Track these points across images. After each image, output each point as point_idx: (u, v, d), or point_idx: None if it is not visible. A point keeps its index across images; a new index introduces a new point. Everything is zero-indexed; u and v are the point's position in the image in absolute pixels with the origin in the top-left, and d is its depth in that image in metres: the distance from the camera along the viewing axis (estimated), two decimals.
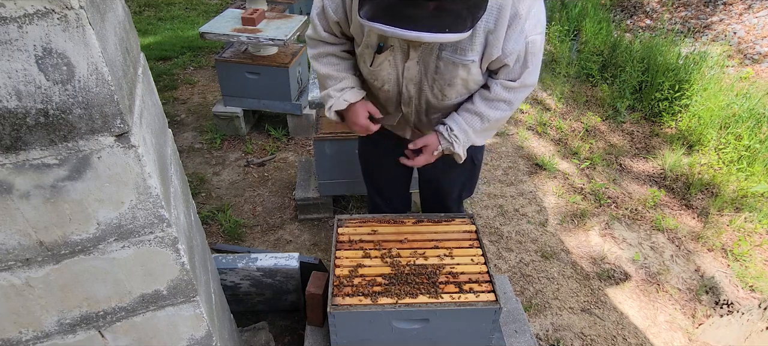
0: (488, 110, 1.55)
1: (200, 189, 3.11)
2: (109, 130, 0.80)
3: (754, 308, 2.11)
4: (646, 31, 5.41)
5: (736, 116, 3.68)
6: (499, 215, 3.03)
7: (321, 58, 1.64)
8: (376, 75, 1.55)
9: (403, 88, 1.56)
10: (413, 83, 1.54)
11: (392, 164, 2.02)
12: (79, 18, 0.69)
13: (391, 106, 1.67)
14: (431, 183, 2.08)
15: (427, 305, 1.53)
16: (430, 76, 1.50)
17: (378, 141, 1.92)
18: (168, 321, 1.12)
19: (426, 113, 1.65)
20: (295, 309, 2.26)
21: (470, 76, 1.47)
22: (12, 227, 0.83)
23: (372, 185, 2.21)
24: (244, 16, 3.10)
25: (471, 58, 1.41)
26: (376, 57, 1.48)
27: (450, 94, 1.53)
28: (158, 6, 6.49)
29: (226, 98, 3.50)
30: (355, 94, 1.62)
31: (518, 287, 2.55)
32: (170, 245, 0.99)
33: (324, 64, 1.63)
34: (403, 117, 1.71)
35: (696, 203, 3.21)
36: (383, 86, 1.58)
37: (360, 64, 1.59)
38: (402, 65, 1.50)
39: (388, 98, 1.64)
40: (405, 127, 1.77)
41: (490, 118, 1.55)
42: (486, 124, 1.57)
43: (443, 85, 1.50)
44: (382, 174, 2.13)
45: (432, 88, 1.53)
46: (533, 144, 3.78)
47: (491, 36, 1.37)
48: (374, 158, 2.08)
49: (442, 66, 1.45)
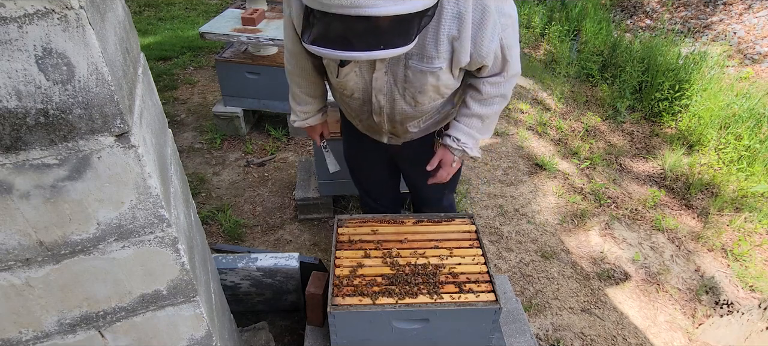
0: (484, 109, 1.57)
1: (200, 189, 3.11)
2: (109, 130, 0.80)
3: (754, 308, 2.11)
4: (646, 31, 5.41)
5: (736, 116, 3.68)
6: (499, 215, 3.03)
7: (291, 75, 1.72)
8: (344, 85, 1.56)
9: (373, 97, 1.56)
10: (383, 93, 1.54)
11: (376, 166, 2.06)
12: (79, 18, 0.69)
13: (364, 114, 1.68)
14: (416, 185, 2.10)
15: (427, 305, 1.53)
16: (401, 85, 1.50)
17: (360, 143, 1.94)
18: (168, 321, 1.12)
19: (400, 122, 1.65)
20: (295, 309, 2.26)
21: (440, 82, 1.47)
22: (12, 227, 0.83)
23: (360, 186, 2.24)
24: (244, 16, 3.10)
25: (438, 65, 1.41)
26: (340, 70, 1.48)
27: (423, 100, 1.54)
28: (158, 6, 6.49)
29: (226, 98, 3.50)
30: (316, 119, 1.86)
31: (518, 287, 2.55)
32: (170, 245, 0.99)
33: (294, 84, 1.74)
34: (376, 126, 1.71)
35: (696, 203, 3.21)
36: (353, 95, 1.59)
37: (328, 73, 1.61)
38: (369, 76, 1.50)
39: (359, 107, 1.65)
40: (381, 133, 1.77)
41: (488, 115, 1.59)
42: (486, 122, 1.61)
43: (415, 92, 1.50)
44: (367, 176, 2.15)
45: (404, 96, 1.53)
46: (533, 144, 3.78)
47: (456, 43, 1.37)
48: (358, 161, 2.09)
49: (411, 75, 1.45)
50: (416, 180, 2.05)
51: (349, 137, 2.04)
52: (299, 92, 1.75)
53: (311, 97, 1.78)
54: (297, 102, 1.80)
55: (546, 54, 5.36)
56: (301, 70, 1.67)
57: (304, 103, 1.79)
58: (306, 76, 1.69)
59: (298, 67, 1.66)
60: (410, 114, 1.60)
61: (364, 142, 1.91)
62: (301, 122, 1.85)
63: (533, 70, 4.96)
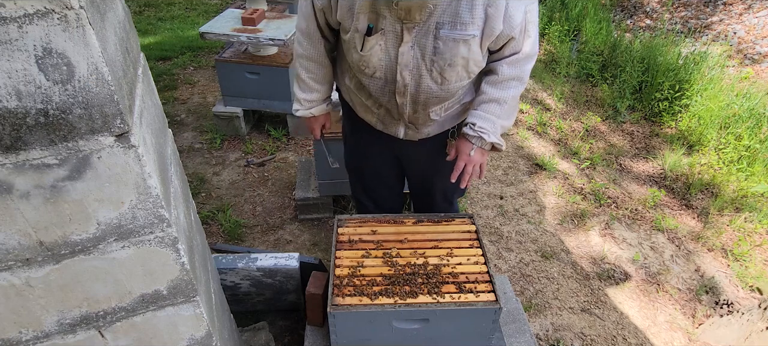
0: (501, 92, 1.52)
1: (200, 189, 3.11)
2: (109, 130, 0.80)
3: (754, 308, 2.11)
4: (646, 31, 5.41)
5: (736, 116, 3.68)
6: (499, 215, 3.03)
7: (301, 60, 1.68)
8: (367, 61, 1.49)
9: (397, 75, 1.49)
10: (408, 70, 1.47)
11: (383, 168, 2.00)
12: (79, 18, 0.69)
13: (385, 96, 1.60)
14: (422, 187, 2.05)
15: (427, 305, 1.53)
16: (429, 58, 1.44)
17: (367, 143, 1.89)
18: (168, 321, 1.12)
19: (423, 105, 1.58)
20: (295, 309, 2.26)
21: (471, 54, 1.42)
22: (12, 227, 0.83)
23: (361, 188, 2.15)
24: (244, 16, 3.10)
25: (471, 32, 1.37)
26: (366, 40, 1.43)
27: (450, 76, 1.47)
28: (158, 6, 6.49)
29: (226, 98, 3.50)
30: (321, 109, 1.81)
31: (518, 287, 2.55)
32: (170, 245, 0.99)
33: (303, 69, 1.70)
34: (396, 110, 1.62)
35: (696, 203, 3.21)
36: (374, 74, 1.52)
37: (350, 53, 1.53)
38: (395, 51, 1.44)
39: (380, 88, 1.57)
40: (397, 123, 1.70)
41: (506, 99, 1.53)
42: (504, 106, 1.54)
43: (443, 66, 1.44)
44: (372, 178, 2.08)
45: (431, 71, 1.46)
46: (533, 144, 3.78)
47: (490, 9, 1.34)
48: (363, 162, 2.02)
49: (442, 45, 1.40)
50: (423, 182, 2.00)
51: (354, 137, 1.97)
52: (307, 78, 1.70)
53: (319, 84, 1.73)
54: (302, 89, 1.75)
55: (546, 54, 5.36)
56: (314, 51, 1.63)
57: (310, 91, 1.74)
58: (318, 59, 1.65)
59: (312, 48, 1.62)
60: (435, 94, 1.53)
61: (372, 142, 1.86)
62: (305, 112, 1.79)
63: (533, 70, 4.95)
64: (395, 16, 1.37)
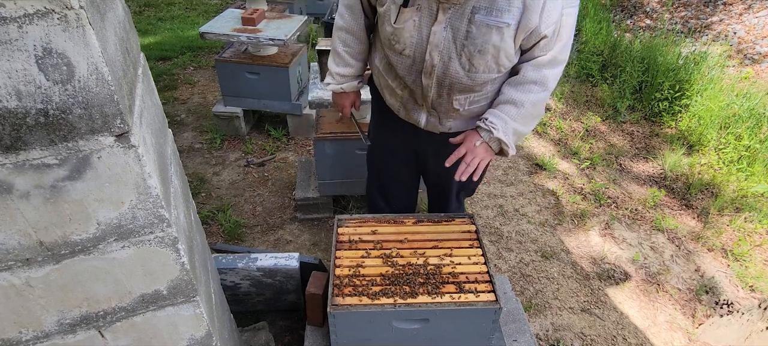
0: (519, 95, 1.50)
1: (200, 189, 3.11)
2: (109, 130, 0.80)
3: (754, 308, 2.11)
4: (646, 31, 5.41)
5: (736, 116, 3.68)
6: (499, 215, 3.03)
7: (340, 32, 1.69)
8: (398, 36, 1.48)
9: (427, 55, 1.48)
10: (438, 51, 1.45)
11: (403, 166, 2.01)
12: (79, 18, 0.69)
13: (411, 76, 1.58)
14: (438, 185, 2.06)
15: (427, 305, 1.53)
16: (460, 41, 1.42)
17: (390, 139, 1.91)
18: (168, 321, 1.12)
19: (448, 90, 1.55)
20: (295, 309, 2.26)
21: (503, 43, 1.40)
22: (12, 227, 0.83)
23: (377, 188, 2.17)
24: (244, 16, 3.10)
25: (507, 20, 1.36)
26: (401, 12, 1.42)
27: (479, 64, 1.45)
28: (158, 6, 6.49)
29: (226, 98, 3.50)
30: (352, 86, 1.82)
31: (518, 287, 2.55)
32: (170, 245, 0.99)
33: (340, 42, 1.71)
34: (421, 92, 1.60)
35: (696, 203, 3.21)
36: (404, 50, 1.51)
37: (383, 26, 1.52)
38: (427, 29, 1.43)
39: (408, 67, 1.56)
40: (420, 109, 1.68)
41: (523, 102, 1.50)
42: (521, 109, 1.51)
43: (473, 51, 1.42)
44: (391, 174, 2.09)
45: (460, 56, 1.45)
46: (533, 144, 3.78)
47: (529, 0, 1.33)
48: (385, 155, 2.03)
49: (475, 30, 1.38)
50: (440, 179, 2.00)
51: (379, 127, 1.98)
52: (343, 51, 1.71)
53: (354, 59, 1.73)
54: (337, 63, 1.75)
55: None
56: (354, 24, 1.64)
57: (344, 65, 1.74)
58: (357, 32, 1.66)
59: (353, 20, 1.64)
60: (462, 80, 1.50)
61: (394, 135, 1.86)
62: (336, 86, 1.80)
63: None
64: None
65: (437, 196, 2.14)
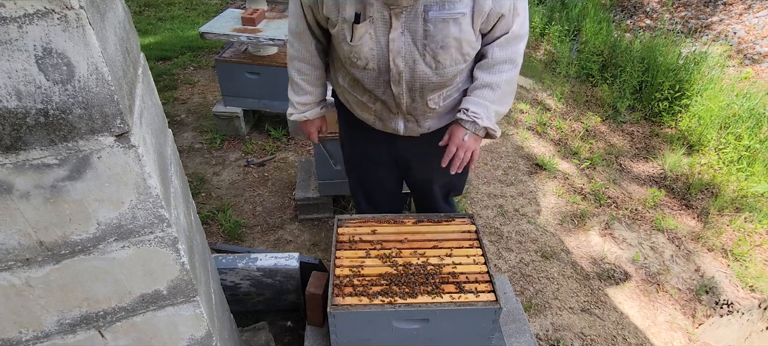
0: (494, 76, 1.51)
1: (200, 189, 3.11)
2: (109, 130, 0.80)
3: (754, 308, 2.11)
4: (646, 31, 5.41)
5: (736, 116, 3.68)
6: (499, 215, 3.03)
7: (293, 62, 1.67)
8: (358, 53, 1.46)
9: (391, 63, 1.46)
10: (401, 57, 1.44)
11: (382, 169, 1.98)
12: (79, 18, 0.69)
13: (380, 88, 1.56)
14: (422, 187, 2.05)
15: (427, 305, 1.53)
16: (420, 42, 1.41)
17: (365, 144, 1.88)
18: (168, 321, 1.12)
19: (421, 93, 1.54)
20: (295, 309, 2.26)
21: (463, 34, 1.40)
22: (12, 227, 0.83)
23: (361, 191, 2.14)
24: (244, 16, 3.10)
25: (461, 10, 1.36)
26: (355, 29, 1.40)
27: (444, 59, 1.45)
28: (158, 6, 6.49)
29: (226, 98, 3.50)
30: (315, 113, 1.79)
31: (518, 287, 2.55)
32: (170, 245, 0.99)
33: (295, 71, 1.68)
34: (393, 102, 1.58)
35: (696, 203, 3.21)
36: (367, 65, 1.49)
37: (340, 46, 1.50)
38: (385, 38, 1.42)
39: (374, 79, 1.54)
40: (396, 117, 1.66)
41: (499, 83, 1.51)
42: (498, 91, 1.53)
43: (436, 49, 1.42)
44: (371, 180, 2.06)
45: (424, 55, 1.44)
46: (533, 144, 3.78)
47: None
48: (362, 163, 2.00)
49: (432, 27, 1.38)
50: (423, 181, 1.99)
51: (351, 140, 1.95)
52: (300, 80, 1.68)
53: (311, 86, 1.70)
54: (296, 92, 1.73)
55: (546, 54, 5.36)
56: (305, 51, 1.61)
57: (303, 94, 1.72)
58: (310, 59, 1.64)
59: (303, 48, 1.61)
60: (431, 79, 1.50)
61: (370, 145, 1.84)
62: (299, 116, 1.77)
63: (533, 70, 4.96)
64: (381, 2, 1.36)
65: (422, 199, 2.13)
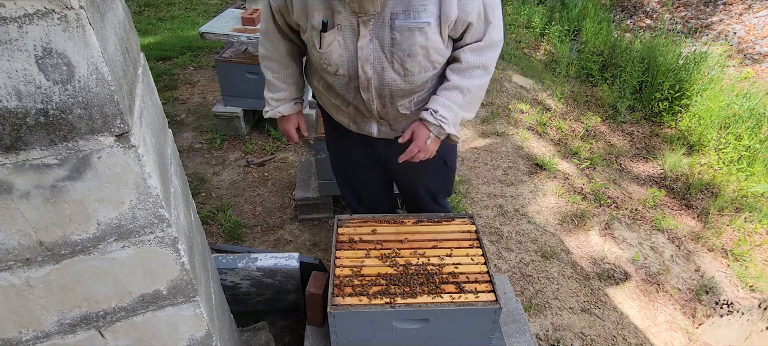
0: (465, 81, 1.50)
1: (200, 189, 3.11)
2: (109, 130, 0.80)
3: (754, 308, 2.11)
4: (646, 31, 5.41)
5: (736, 116, 3.68)
6: (499, 215, 3.03)
7: (265, 61, 1.68)
8: (328, 59, 1.47)
9: (359, 70, 1.47)
10: (370, 64, 1.45)
11: (367, 170, 1.98)
12: (79, 18, 0.69)
13: (350, 94, 1.57)
14: (407, 188, 2.05)
15: (427, 305, 1.53)
16: (388, 49, 1.42)
17: (348, 147, 1.88)
18: (168, 321, 1.12)
19: (390, 99, 1.55)
20: (295, 309, 2.26)
21: (429, 42, 1.41)
22: (12, 227, 0.83)
23: (351, 194, 2.14)
24: (244, 16, 3.10)
25: (425, 19, 1.36)
26: (323, 37, 1.42)
27: (412, 67, 1.45)
28: (158, 6, 6.49)
29: (226, 98, 3.50)
30: (289, 108, 1.74)
31: (518, 287, 2.55)
32: (170, 245, 0.99)
33: (266, 69, 1.69)
34: (365, 106, 1.59)
35: (696, 203, 3.21)
36: (337, 71, 1.50)
37: (311, 53, 1.53)
38: (353, 46, 1.43)
39: (344, 85, 1.55)
40: (369, 120, 1.66)
41: (469, 88, 1.51)
42: (468, 96, 1.52)
43: (403, 57, 1.42)
44: (358, 182, 2.07)
45: (392, 63, 1.44)
46: (533, 144, 3.78)
47: None
48: (347, 166, 2.01)
49: (398, 36, 1.39)
50: (407, 182, 1.99)
51: (335, 141, 1.95)
52: (272, 77, 1.68)
53: (284, 83, 1.69)
54: (269, 89, 1.72)
55: (546, 54, 5.36)
56: (274, 51, 1.62)
57: (276, 90, 1.70)
58: (279, 59, 1.64)
59: (272, 48, 1.62)
60: (400, 86, 1.50)
61: (353, 146, 1.84)
62: (273, 112, 1.73)
63: (533, 70, 4.96)
64: (349, 10, 1.37)
65: (409, 200, 2.13)
